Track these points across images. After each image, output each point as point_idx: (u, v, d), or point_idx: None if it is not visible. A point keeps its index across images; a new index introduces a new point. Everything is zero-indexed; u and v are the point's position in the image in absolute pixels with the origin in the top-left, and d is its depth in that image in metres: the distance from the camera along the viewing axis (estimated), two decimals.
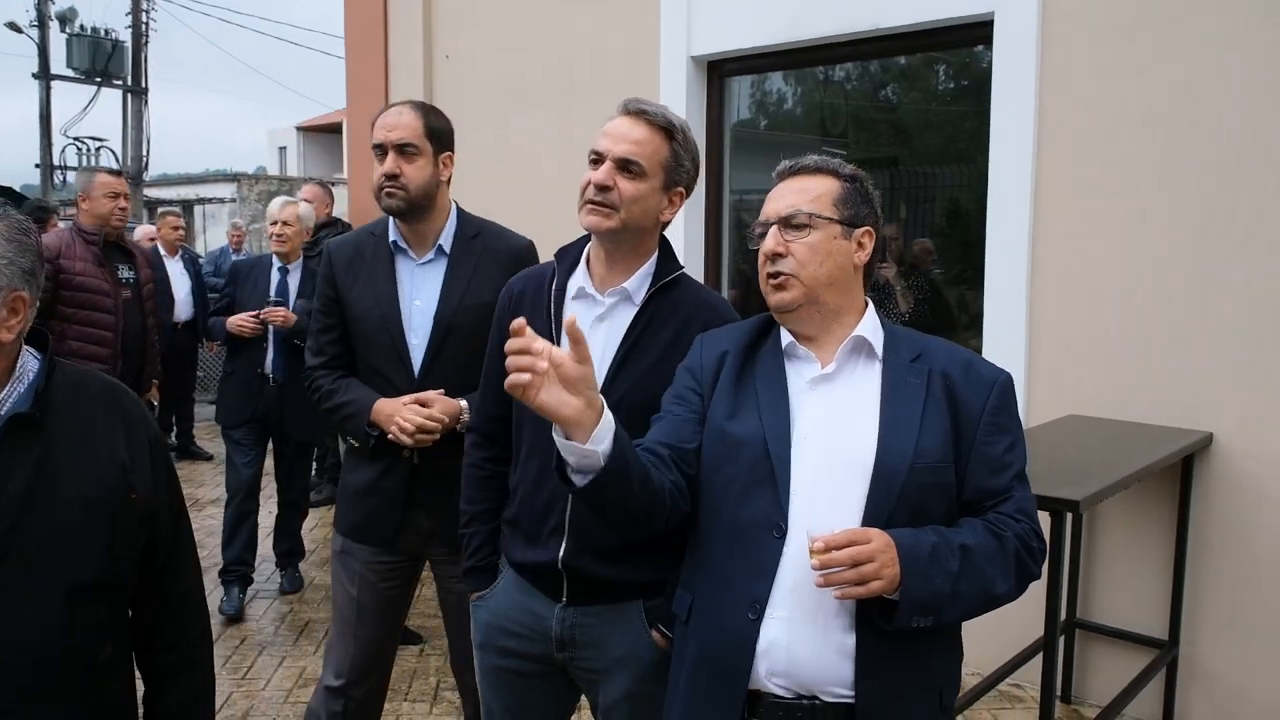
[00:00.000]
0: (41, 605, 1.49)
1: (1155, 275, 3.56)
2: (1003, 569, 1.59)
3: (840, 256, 1.69)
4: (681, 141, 1.95)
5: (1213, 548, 3.51)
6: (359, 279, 2.58)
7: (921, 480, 1.59)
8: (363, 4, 6.24)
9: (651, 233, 1.98)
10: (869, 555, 1.49)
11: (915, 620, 1.53)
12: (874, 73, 4.73)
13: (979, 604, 1.59)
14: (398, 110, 2.53)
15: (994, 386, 1.67)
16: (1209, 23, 3.40)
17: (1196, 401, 3.50)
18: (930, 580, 1.52)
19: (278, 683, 3.97)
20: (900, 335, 1.74)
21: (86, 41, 18.74)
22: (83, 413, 1.59)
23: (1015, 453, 1.66)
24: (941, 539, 1.56)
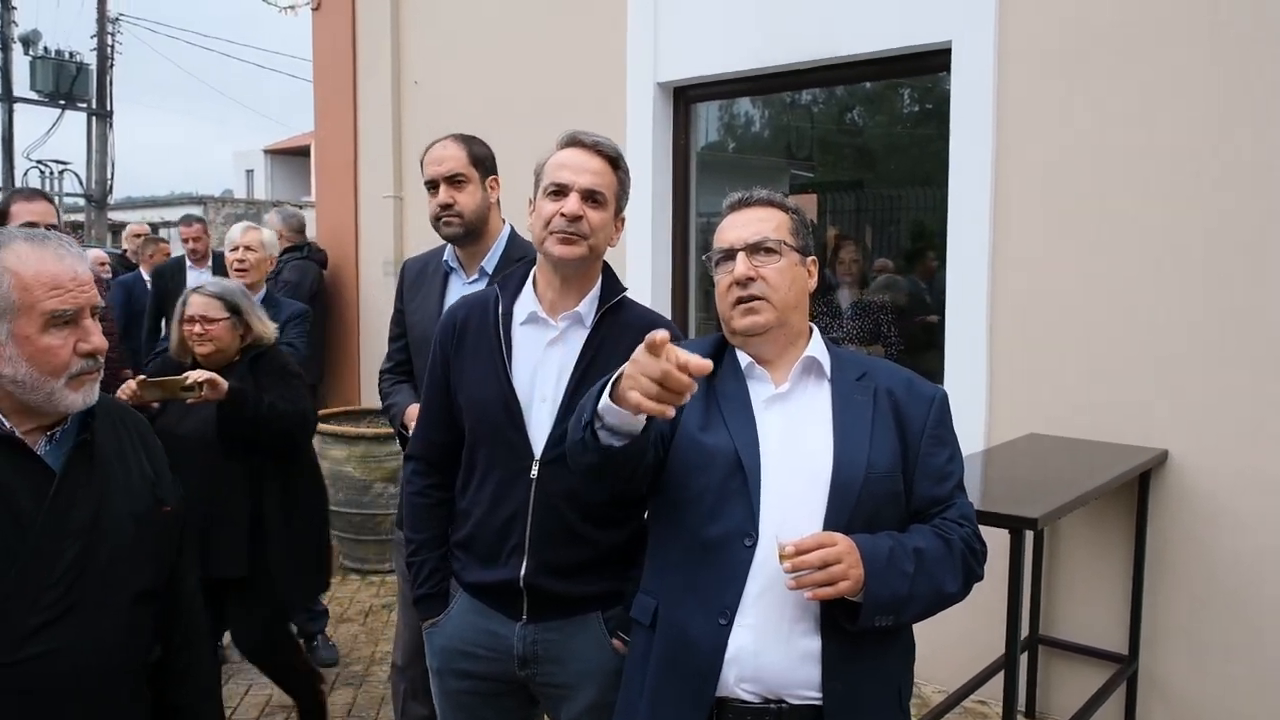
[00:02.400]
0: (114, 614, 1.64)
1: (1111, 297, 3.64)
2: (952, 570, 1.71)
3: (801, 282, 1.83)
4: (625, 170, 2.07)
5: (1170, 563, 3.59)
6: (418, 295, 2.88)
7: (875, 489, 1.70)
8: (331, 29, 6.27)
9: (599, 259, 2.08)
10: (837, 557, 1.58)
11: (878, 620, 1.63)
12: (840, 97, 4.83)
13: (932, 603, 1.70)
14: (442, 144, 2.79)
15: (933, 402, 1.80)
16: (1160, 54, 3.50)
17: (1152, 420, 3.58)
18: (889, 582, 1.62)
19: (244, 711, 3.93)
20: (844, 356, 1.87)
21: (50, 64, 18.64)
22: (112, 435, 1.73)
23: (955, 463, 1.80)
24: (897, 543, 1.67)
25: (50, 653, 1.56)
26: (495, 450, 2.02)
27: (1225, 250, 3.41)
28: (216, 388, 2.99)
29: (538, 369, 2.04)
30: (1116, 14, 3.57)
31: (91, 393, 1.65)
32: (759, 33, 4.43)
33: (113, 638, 1.64)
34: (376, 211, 6.08)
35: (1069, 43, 3.68)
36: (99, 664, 1.62)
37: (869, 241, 5.16)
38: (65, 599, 1.58)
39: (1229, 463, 3.44)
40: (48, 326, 1.58)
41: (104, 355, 1.66)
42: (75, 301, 1.60)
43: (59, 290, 1.59)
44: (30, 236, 1.63)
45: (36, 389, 1.58)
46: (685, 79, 4.76)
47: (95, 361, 1.64)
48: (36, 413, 1.62)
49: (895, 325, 4.73)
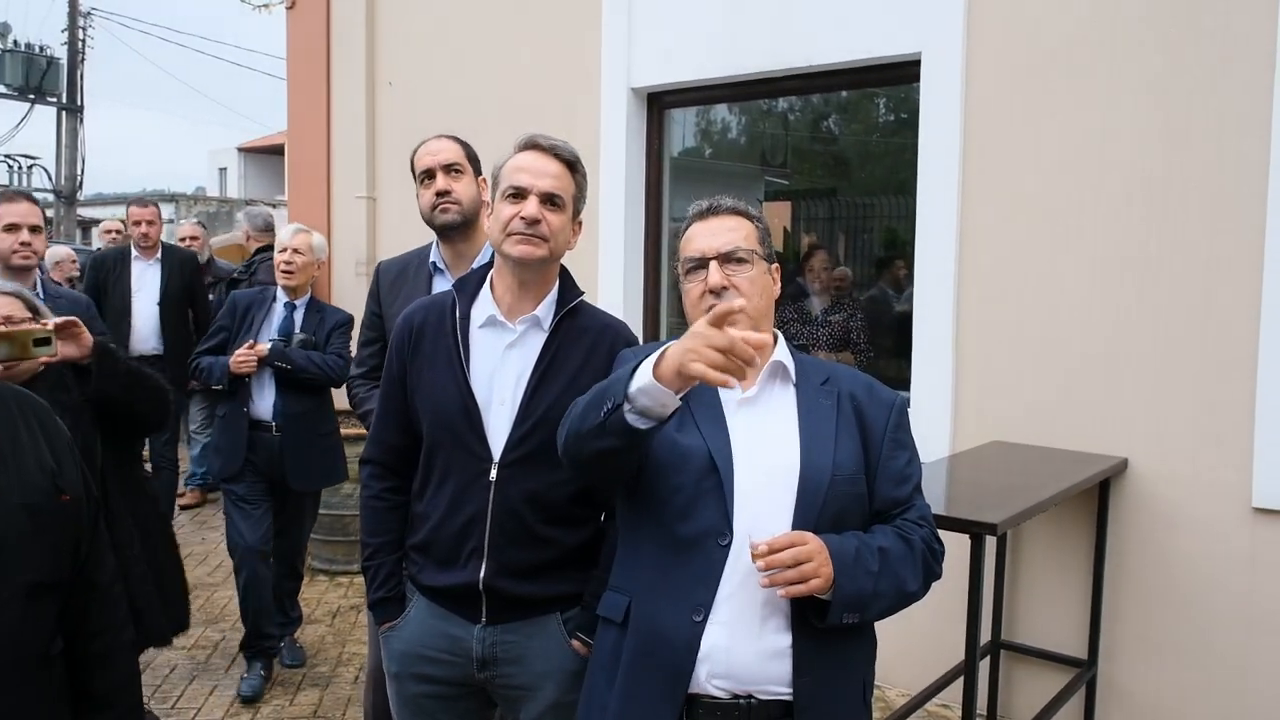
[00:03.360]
0: (4, 606, 1.57)
1: (1073, 308, 3.70)
2: (913, 569, 1.77)
3: (768, 290, 1.88)
4: (582, 174, 2.09)
5: (1128, 569, 3.65)
6: (399, 297, 2.78)
7: (841, 490, 1.76)
8: (305, 28, 6.24)
9: (558, 262, 2.10)
10: (808, 555, 1.64)
11: (845, 617, 1.69)
12: (816, 105, 4.87)
13: (895, 601, 1.76)
14: (437, 138, 2.83)
15: (893, 407, 1.87)
16: (1120, 68, 3.57)
17: (1112, 428, 3.64)
18: (856, 580, 1.68)
19: (208, 711, 3.91)
20: (808, 361, 1.92)
21: (20, 58, 18.40)
22: (7, 424, 1.65)
23: (914, 466, 1.85)
24: (862, 543, 1.73)
25: None
26: (454, 454, 2.03)
27: (1181, 262, 3.49)
28: (80, 340, 2.50)
29: (495, 372, 2.05)
30: (1080, 29, 3.64)
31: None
32: (732, 40, 4.46)
33: (4, 631, 1.58)
34: (349, 212, 6.07)
35: (1035, 56, 3.74)
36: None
37: (841, 249, 5.22)
38: None
39: (1186, 470, 3.51)
40: None
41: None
42: None
43: None
44: None
45: None
46: (659, 85, 4.78)
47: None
48: None
49: (865, 333, 4.78)
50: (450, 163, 2.75)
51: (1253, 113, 3.33)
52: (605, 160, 4.85)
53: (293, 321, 4.12)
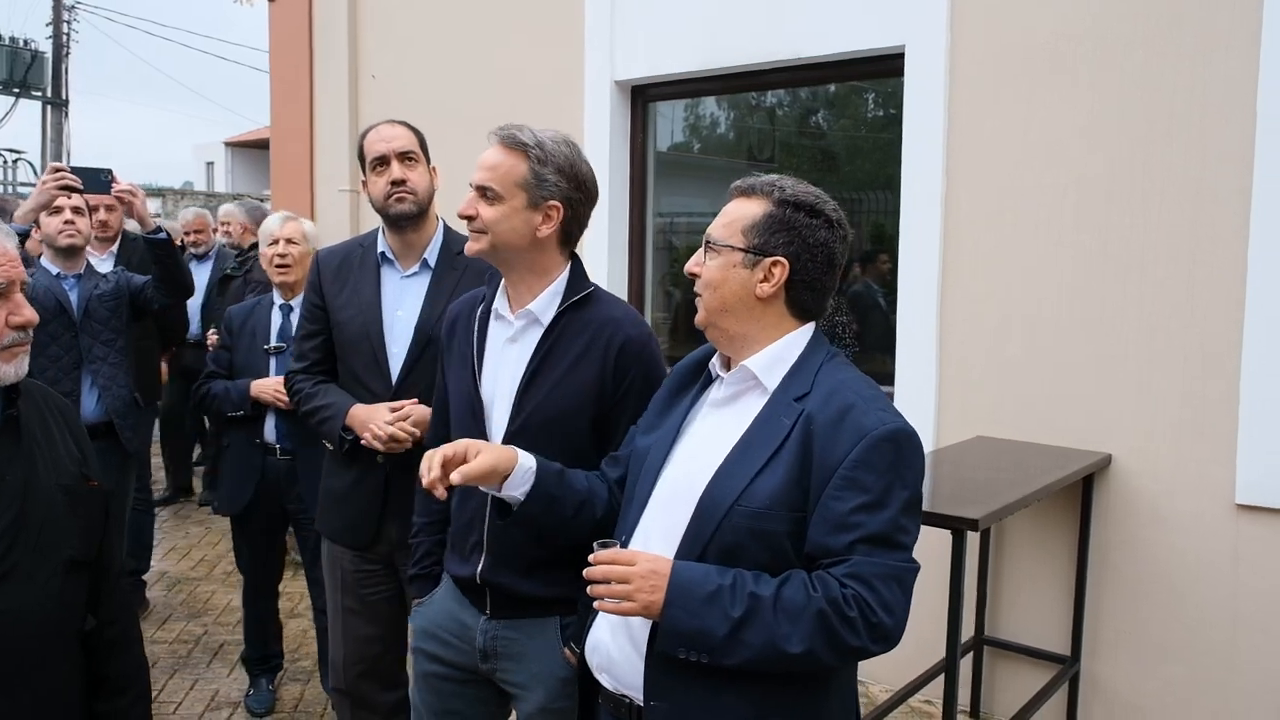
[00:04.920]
0: (45, 581, 1.66)
1: (1058, 304, 3.69)
2: (800, 630, 1.50)
3: (736, 285, 1.67)
4: (539, 156, 1.97)
5: (1111, 566, 3.64)
6: (345, 287, 2.66)
7: (739, 524, 1.57)
8: (287, 20, 6.20)
9: (543, 251, 2.02)
10: (623, 576, 1.55)
11: (681, 652, 1.54)
12: (804, 99, 4.85)
13: (769, 658, 1.52)
14: (389, 124, 2.64)
15: (862, 439, 1.54)
16: (1105, 64, 3.56)
17: (1096, 424, 3.63)
18: (700, 618, 1.52)
19: (189, 706, 3.88)
20: (807, 370, 1.66)
21: (5, 51, 18.29)
22: (37, 413, 1.76)
23: (871, 515, 1.52)
24: (735, 583, 1.53)
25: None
26: None
27: (1166, 256, 3.47)
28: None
29: (499, 368, 2.05)
30: (1063, 22, 3.62)
31: (22, 365, 1.68)
32: (717, 33, 4.43)
33: (46, 604, 1.67)
34: (332, 205, 6.03)
35: (1018, 49, 3.72)
36: (34, 629, 1.66)
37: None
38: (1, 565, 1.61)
39: (1170, 466, 3.50)
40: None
41: (34, 328, 1.70)
42: (6, 275, 1.65)
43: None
44: None
45: None
46: (643, 78, 4.75)
47: (25, 334, 1.67)
48: None
49: (849, 328, 4.76)
50: (405, 150, 2.59)
51: (1236, 106, 3.32)
52: (589, 153, 4.76)
53: (291, 325, 3.60)
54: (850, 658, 1.56)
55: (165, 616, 4.74)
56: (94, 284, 3.67)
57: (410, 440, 2.47)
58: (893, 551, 1.53)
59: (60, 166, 3.29)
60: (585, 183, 2.03)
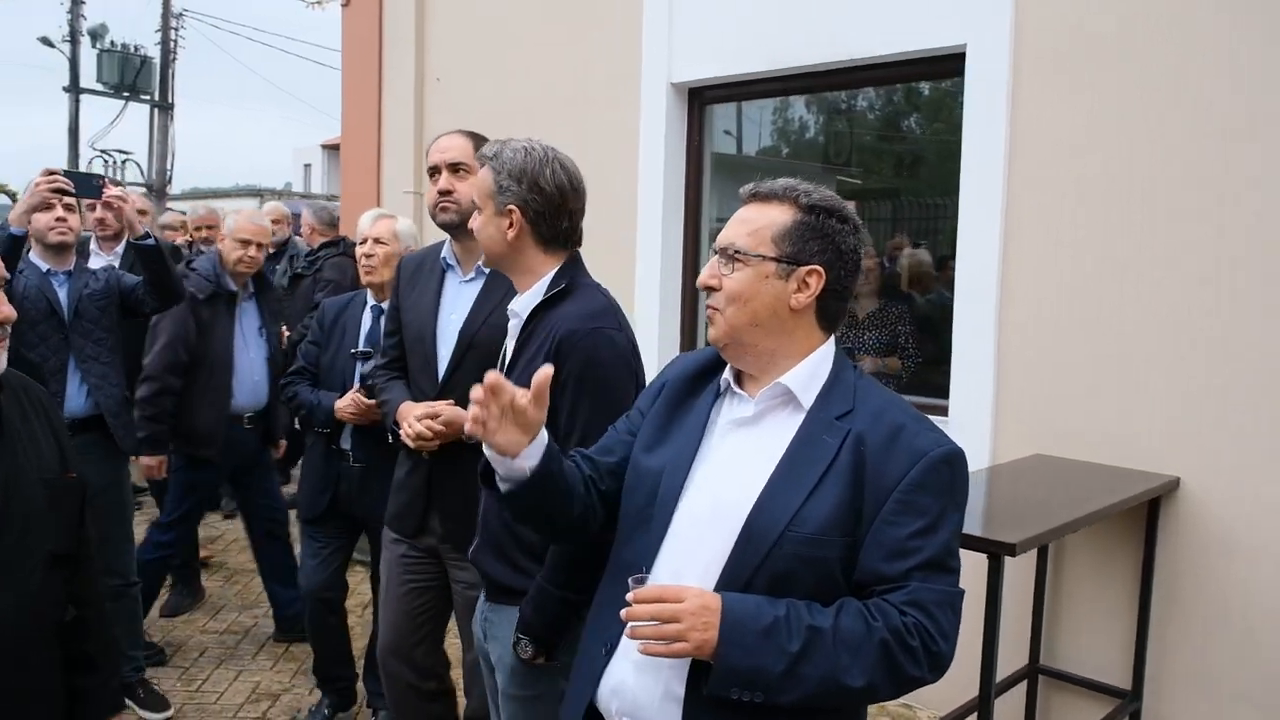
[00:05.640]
0: (28, 575, 1.71)
1: (1125, 316, 3.48)
2: (862, 662, 1.42)
3: (769, 297, 1.56)
4: (497, 166, 2.12)
5: (1179, 596, 3.42)
6: (414, 291, 2.83)
7: (792, 551, 1.47)
8: (359, 25, 6.31)
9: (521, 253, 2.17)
10: (673, 615, 1.41)
11: (735, 692, 1.43)
12: (872, 100, 4.71)
13: (828, 693, 1.42)
14: (449, 135, 2.79)
15: (920, 461, 1.47)
16: (1177, 58, 3.34)
17: (1164, 444, 3.41)
18: (756, 655, 1.41)
19: (230, 696, 3.94)
20: (844, 387, 1.58)
21: (116, 57, 19.13)
22: (16, 405, 1.79)
23: (927, 540, 1.46)
24: (790, 615, 1.43)
25: None
26: None
27: (1242, 270, 3.24)
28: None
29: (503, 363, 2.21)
30: (1132, 17, 3.42)
31: (0, 360, 1.71)
32: (774, 34, 4.33)
33: (29, 600, 1.71)
34: (397, 206, 6.07)
35: (1085, 45, 3.53)
36: (15, 624, 1.69)
37: (901, 249, 5.02)
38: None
39: (1244, 492, 3.27)
40: None
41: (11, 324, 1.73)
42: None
43: None
44: None
45: None
46: (700, 80, 4.68)
47: (4, 330, 1.70)
48: None
49: (913, 338, 4.59)
50: (455, 161, 2.71)
51: None
52: (644, 156, 4.77)
53: (379, 331, 3.49)
54: (906, 688, 1.48)
55: (219, 607, 4.83)
56: (84, 282, 3.69)
57: (434, 438, 2.55)
58: (948, 576, 1.48)
59: (54, 170, 3.37)
60: (542, 185, 2.12)
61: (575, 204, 2.18)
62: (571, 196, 2.16)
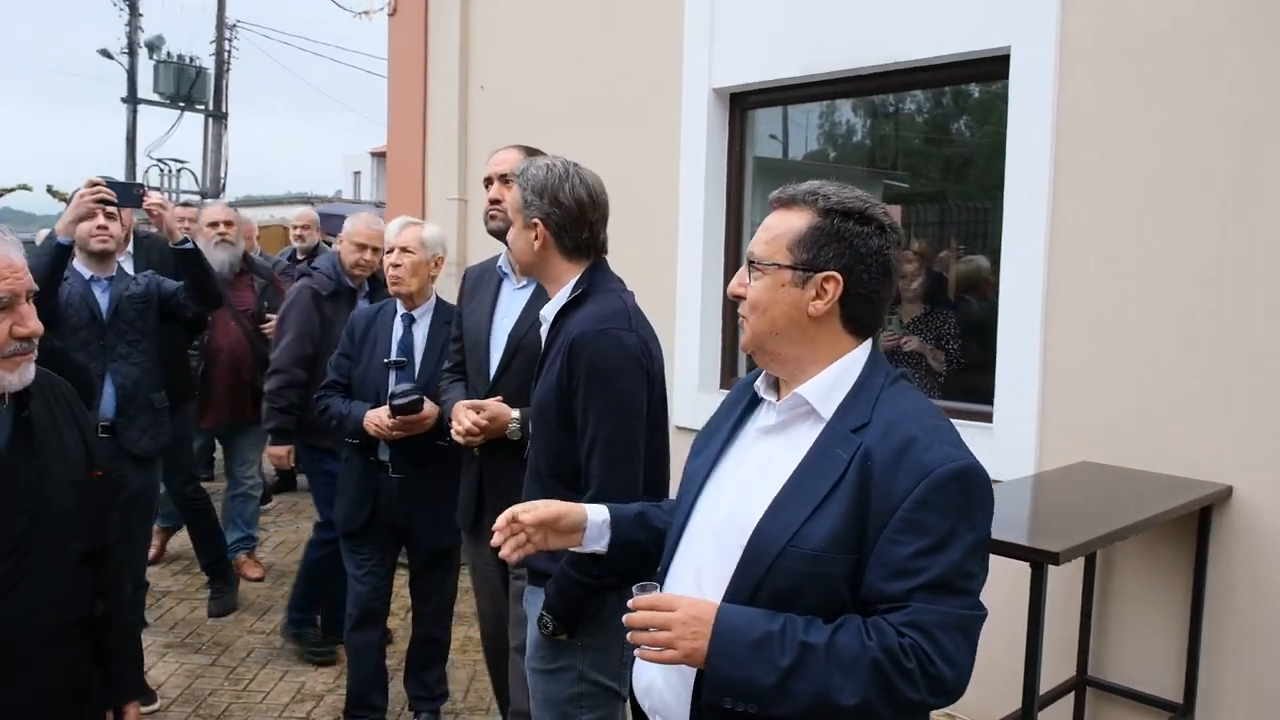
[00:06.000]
0: (61, 574, 1.78)
1: (1176, 320, 3.41)
2: (853, 681, 1.39)
3: (786, 305, 1.55)
4: (522, 183, 2.28)
5: (1234, 608, 3.33)
6: (474, 299, 3.03)
7: (793, 567, 1.47)
8: (405, 35, 6.39)
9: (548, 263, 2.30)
10: (664, 623, 1.45)
11: (727, 702, 1.44)
12: (920, 103, 4.66)
13: (820, 708, 1.41)
14: (505, 149, 3.00)
15: (925, 477, 1.43)
16: (1226, 58, 3.27)
17: (1216, 452, 3.33)
18: (746, 667, 1.42)
19: (276, 696, 4.00)
20: (866, 397, 1.54)
21: (172, 68, 19.57)
22: (46, 409, 1.84)
23: (932, 559, 1.41)
24: (785, 630, 1.43)
25: (7, 614, 1.70)
26: None
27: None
28: None
29: None
30: (1183, 18, 3.35)
31: (27, 372, 1.77)
32: (816, 38, 4.31)
33: (61, 598, 1.79)
34: (442, 213, 6.15)
35: (1133, 46, 3.46)
36: (50, 621, 1.77)
37: (949, 253, 4.96)
38: (18, 566, 1.71)
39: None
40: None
41: (38, 338, 1.77)
42: (11, 288, 1.71)
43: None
44: None
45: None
46: (741, 85, 4.67)
47: (30, 344, 1.76)
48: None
49: (958, 343, 4.52)
50: (506, 173, 2.83)
51: None
52: (685, 163, 4.77)
53: (413, 337, 3.50)
54: (911, 713, 1.44)
55: (266, 608, 4.91)
56: (125, 286, 3.79)
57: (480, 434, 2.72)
58: (956, 597, 1.42)
59: (97, 180, 3.47)
60: (561, 200, 2.25)
61: (594, 215, 2.29)
62: (590, 209, 2.28)
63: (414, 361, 3.49)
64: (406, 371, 3.47)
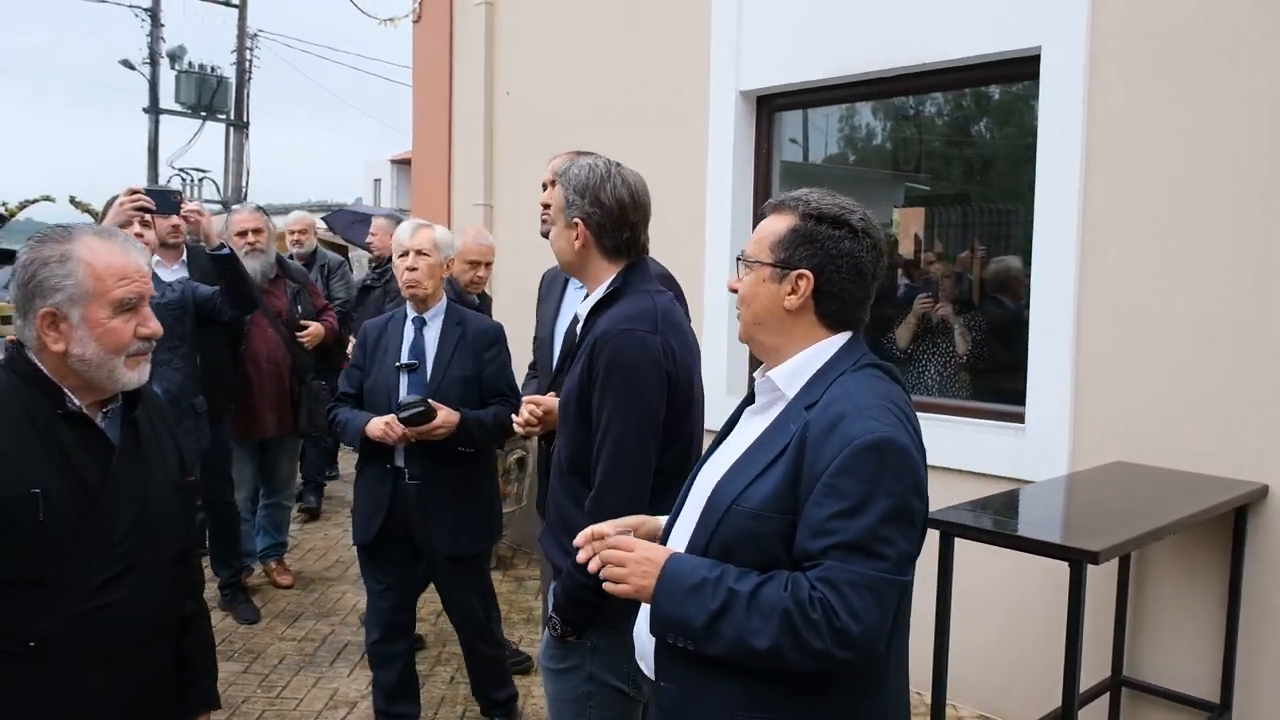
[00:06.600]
0: (160, 572, 1.87)
1: (1208, 318, 3.39)
2: (768, 628, 1.55)
3: (766, 299, 1.74)
4: (564, 182, 2.29)
5: (1271, 608, 3.31)
6: (546, 301, 3.21)
7: (735, 524, 1.65)
8: (430, 41, 6.43)
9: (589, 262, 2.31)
10: (619, 560, 1.70)
11: (670, 638, 1.66)
12: (951, 105, 4.65)
13: (736, 651, 1.59)
14: (559, 156, 3.07)
15: (846, 446, 1.57)
16: (1260, 58, 3.25)
17: (1251, 451, 3.32)
18: (682, 606, 1.62)
19: (309, 703, 4.02)
20: (824, 380, 1.70)
21: (194, 78, 19.74)
22: (147, 416, 1.93)
23: (849, 522, 1.54)
24: (721, 577, 1.61)
25: (112, 605, 1.78)
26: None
27: None
28: None
29: None
30: (1211, 17, 3.34)
31: (144, 371, 1.85)
32: (843, 40, 4.32)
33: (159, 593, 1.88)
34: (468, 219, 6.18)
35: (1165, 46, 3.45)
36: (149, 616, 1.86)
37: (975, 256, 4.94)
38: (124, 559, 1.80)
39: None
40: (116, 312, 1.79)
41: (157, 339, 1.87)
42: (138, 290, 1.82)
43: (126, 280, 1.80)
44: (99, 231, 1.86)
45: (101, 366, 1.78)
46: (768, 87, 4.67)
47: (149, 344, 1.85)
48: (97, 389, 1.82)
49: (984, 345, 4.50)
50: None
51: None
52: (712, 166, 4.78)
53: (424, 340, 3.44)
54: (818, 661, 1.55)
55: (296, 615, 4.94)
56: (160, 293, 3.83)
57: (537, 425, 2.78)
58: (870, 560, 1.54)
59: (136, 189, 3.54)
60: (603, 200, 2.25)
61: (635, 216, 2.29)
62: (631, 209, 2.27)
63: (425, 365, 3.42)
64: (418, 375, 3.41)
